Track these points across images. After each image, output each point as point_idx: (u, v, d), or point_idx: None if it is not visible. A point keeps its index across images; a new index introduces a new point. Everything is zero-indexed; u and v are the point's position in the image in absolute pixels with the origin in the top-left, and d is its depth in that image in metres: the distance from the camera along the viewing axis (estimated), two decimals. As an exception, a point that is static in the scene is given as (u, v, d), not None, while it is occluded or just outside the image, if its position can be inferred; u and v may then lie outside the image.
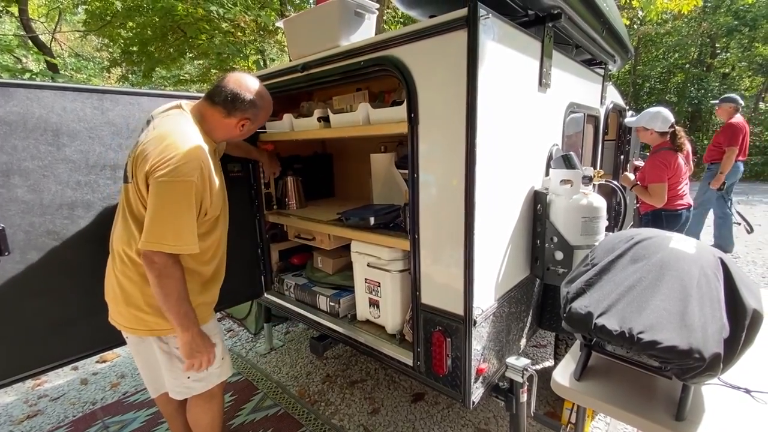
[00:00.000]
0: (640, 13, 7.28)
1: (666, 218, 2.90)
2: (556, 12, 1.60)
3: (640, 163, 3.38)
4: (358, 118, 1.75)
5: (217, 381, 1.57)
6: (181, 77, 9.78)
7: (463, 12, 1.19)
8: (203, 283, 1.50)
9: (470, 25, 1.18)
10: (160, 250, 1.24)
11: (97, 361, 2.91)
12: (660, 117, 2.75)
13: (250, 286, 2.37)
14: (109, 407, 2.39)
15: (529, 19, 1.64)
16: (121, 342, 1.78)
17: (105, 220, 1.57)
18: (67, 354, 1.64)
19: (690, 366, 0.94)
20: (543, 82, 1.65)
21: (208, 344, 1.43)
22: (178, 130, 1.32)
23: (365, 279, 1.92)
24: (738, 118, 4.19)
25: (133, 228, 1.35)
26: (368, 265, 1.87)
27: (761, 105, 12.72)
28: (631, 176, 2.97)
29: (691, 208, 2.93)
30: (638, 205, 3.17)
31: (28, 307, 1.52)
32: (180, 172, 1.23)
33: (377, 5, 1.84)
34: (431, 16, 1.39)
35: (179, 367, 1.47)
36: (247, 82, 1.44)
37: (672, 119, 2.77)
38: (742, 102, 4.26)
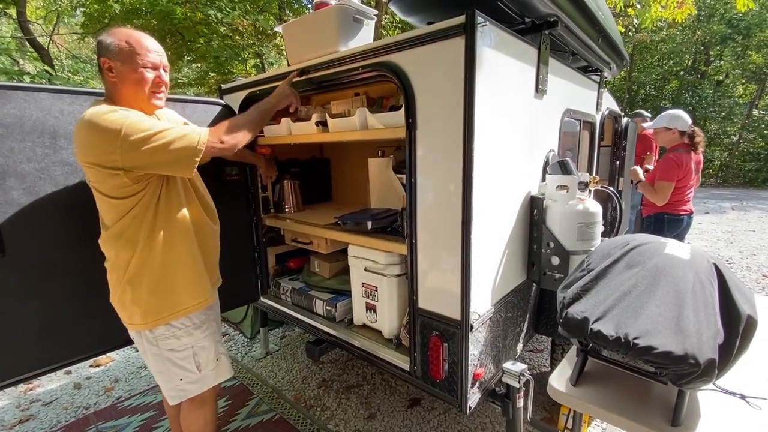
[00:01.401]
0: (635, 20, 7.36)
1: (668, 222, 2.96)
2: (552, 20, 1.62)
3: (650, 167, 3.45)
4: (356, 122, 1.76)
5: (212, 383, 1.54)
6: (179, 80, 9.79)
7: (460, 19, 1.20)
8: (185, 274, 1.44)
9: (468, 32, 1.19)
10: (206, 146, 1.28)
11: (90, 366, 2.88)
12: (681, 117, 2.86)
13: (247, 290, 2.36)
14: (102, 412, 2.37)
15: (526, 26, 1.66)
16: (116, 346, 1.77)
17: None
18: (60, 358, 1.62)
19: (685, 371, 0.95)
20: (539, 88, 1.66)
21: (288, 92, 1.61)
22: (88, 110, 1.25)
23: (362, 283, 1.91)
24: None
25: (105, 231, 1.38)
26: (365, 269, 1.87)
27: (755, 112, 12.87)
28: (640, 171, 3.01)
29: (692, 215, 2.97)
30: (641, 206, 3.20)
31: (22, 310, 1.50)
32: (108, 124, 1.18)
33: (375, 11, 1.86)
34: (429, 23, 1.41)
35: (171, 370, 1.45)
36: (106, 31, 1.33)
37: (689, 121, 2.89)
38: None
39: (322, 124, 1.94)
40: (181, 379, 1.47)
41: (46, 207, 1.53)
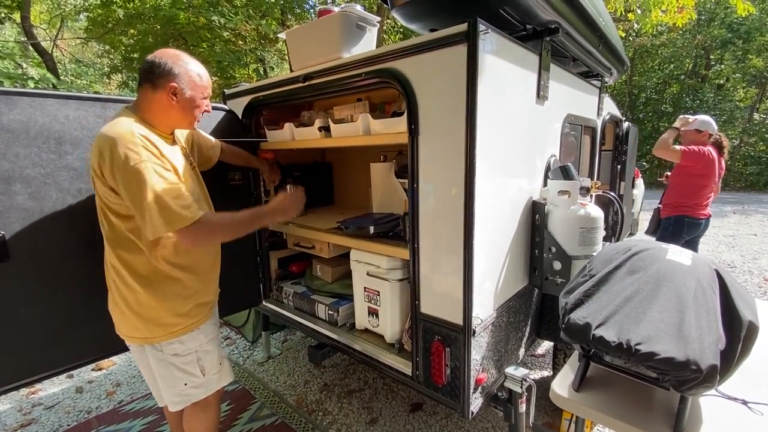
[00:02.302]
0: (636, 25, 7.39)
1: (688, 225, 3.01)
2: (553, 26, 1.63)
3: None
4: (359, 128, 1.77)
5: (215, 387, 1.55)
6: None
7: (463, 27, 1.22)
8: (200, 278, 1.48)
9: (470, 39, 1.21)
10: (176, 229, 1.21)
11: (92, 369, 2.89)
12: (711, 123, 2.98)
13: (249, 294, 2.37)
14: (104, 416, 2.37)
15: (527, 33, 1.68)
16: (118, 350, 1.77)
17: (105, 227, 1.57)
18: (62, 362, 1.63)
19: (687, 377, 0.95)
20: (541, 94, 1.67)
21: (287, 206, 1.52)
22: (106, 127, 1.27)
23: (364, 288, 1.92)
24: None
25: (109, 235, 1.37)
26: (367, 273, 1.87)
27: (755, 116, 12.88)
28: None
29: (710, 219, 3.03)
30: (660, 207, 3.22)
31: (25, 314, 1.51)
32: (129, 159, 1.18)
33: (378, 18, 1.88)
34: (432, 30, 1.42)
35: (176, 375, 1.45)
36: (161, 51, 1.37)
37: (715, 126, 3.01)
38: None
39: (325, 129, 1.96)
40: (185, 384, 1.47)
41: (51, 212, 1.54)
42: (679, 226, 3.01)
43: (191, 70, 1.38)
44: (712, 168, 2.88)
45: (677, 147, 2.98)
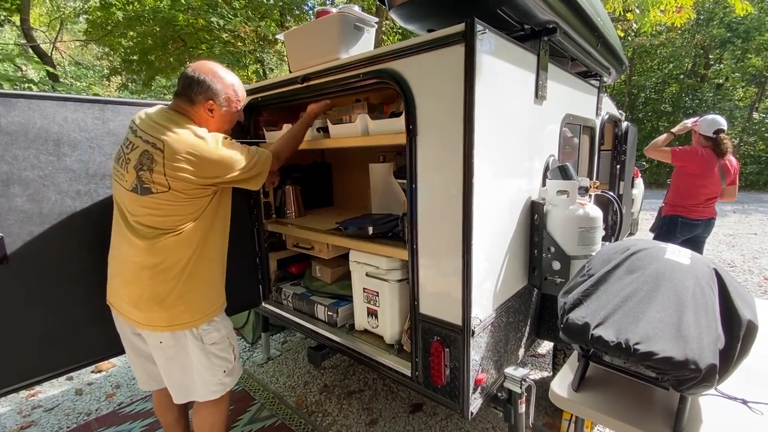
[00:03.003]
0: (635, 25, 7.40)
1: (681, 225, 3.00)
2: (551, 26, 1.63)
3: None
4: (357, 129, 1.77)
5: (239, 374, 1.67)
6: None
7: (460, 27, 1.22)
8: (221, 272, 1.61)
9: (467, 39, 1.21)
10: (270, 158, 1.55)
11: (92, 371, 2.88)
12: (705, 121, 2.91)
13: (248, 295, 2.37)
14: (103, 418, 2.36)
15: (525, 33, 1.68)
16: (118, 352, 1.77)
17: (104, 229, 1.57)
18: (62, 364, 1.63)
19: (686, 377, 0.95)
20: (539, 94, 1.67)
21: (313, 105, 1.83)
22: (187, 130, 1.39)
23: (363, 288, 1.92)
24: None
25: (158, 236, 1.38)
26: (366, 274, 1.87)
27: (755, 115, 12.88)
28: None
29: (712, 220, 2.98)
30: (662, 206, 3.22)
31: (25, 316, 1.51)
32: (209, 144, 1.38)
33: (376, 19, 1.88)
34: (429, 30, 1.42)
35: (215, 363, 1.53)
36: (202, 65, 1.45)
37: (718, 126, 2.88)
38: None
39: (324, 130, 1.96)
40: (224, 372, 1.56)
41: (50, 214, 1.54)
42: (672, 225, 3.03)
43: (227, 87, 1.47)
44: (706, 167, 2.85)
45: (667, 148, 2.99)
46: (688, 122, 3.05)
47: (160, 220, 1.37)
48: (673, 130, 3.10)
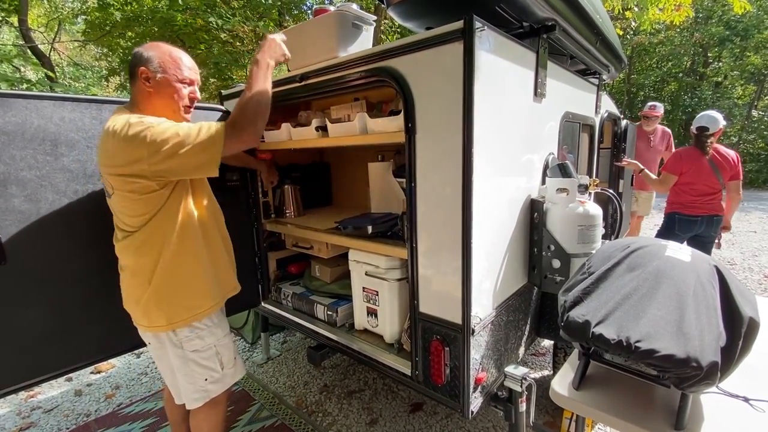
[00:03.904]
0: (633, 23, 7.39)
1: (679, 222, 3.04)
2: (550, 24, 1.63)
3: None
4: (356, 127, 1.76)
5: (231, 381, 1.58)
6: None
7: (459, 24, 1.21)
8: (205, 272, 1.48)
9: (466, 37, 1.20)
10: (222, 133, 1.25)
11: (91, 372, 2.88)
12: (696, 118, 2.95)
13: (247, 295, 2.35)
14: (103, 419, 2.36)
15: (524, 30, 1.67)
16: (117, 352, 1.77)
17: (102, 229, 1.56)
18: (61, 365, 1.62)
19: (687, 375, 0.94)
20: (538, 92, 1.67)
21: (274, 43, 1.45)
22: (113, 119, 1.29)
23: (363, 288, 1.91)
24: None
25: (125, 238, 1.37)
26: (366, 273, 1.87)
27: (754, 113, 12.88)
28: (639, 164, 3.11)
29: (714, 216, 2.97)
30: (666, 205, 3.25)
31: (23, 317, 1.50)
32: (135, 129, 1.21)
33: (374, 17, 1.87)
34: (428, 28, 1.41)
35: (196, 371, 1.47)
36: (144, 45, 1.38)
37: (698, 124, 2.91)
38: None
39: (322, 129, 1.95)
40: (206, 380, 1.49)
41: (48, 214, 1.53)
42: (671, 222, 3.11)
43: (164, 53, 1.35)
44: (692, 165, 2.89)
45: (660, 176, 3.13)
46: (624, 161, 3.13)
47: (123, 222, 1.37)
48: (641, 168, 3.13)
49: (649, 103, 4.24)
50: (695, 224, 3.00)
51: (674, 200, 3.09)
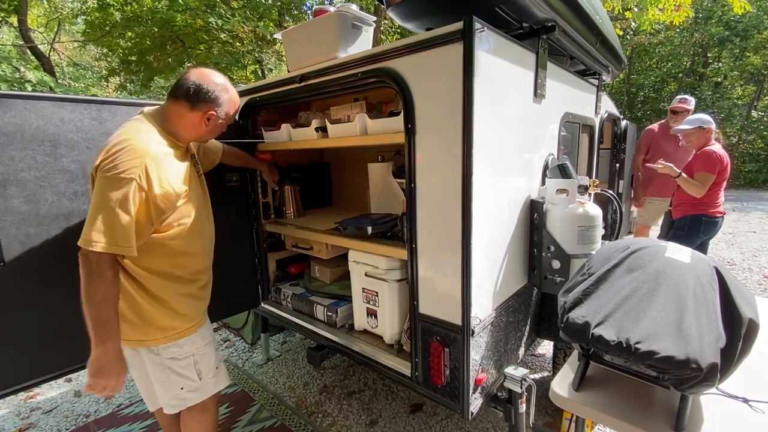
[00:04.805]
0: (633, 23, 7.39)
1: (705, 224, 2.90)
2: (550, 24, 1.63)
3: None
4: (356, 128, 1.76)
5: (212, 391, 1.55)
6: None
7: (458, 25, 1.21)
8: (190, 295, 1.46)
9: (466, 37, 1.20)
10: (90, 249, 1.16)
11: (91, 373, 2.87)
12: (710, 119, 2.94)
13: (247, 296, 2.36)
14: (102, 420, 2.36)
15: (524, 31, 1.67)
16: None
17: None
18: (60, 365, 1.62)
19: (687, 376, 0.94)
20: (538, 92, 1.67)
21: (121, 369, 1.29)
22: (127, 131, 1.29)
23: (363, 288, 1.91)
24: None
25: None
26: (366, 274, 1.87)
27: (753, 113, 12.88)
28: (675, 168, 2.89)
29: (724, 217, 2.95)
30: (671, 208, 3.17)
31: (22, 318, 1.50)
32: (119, 168, 1.18)
33: (374, 18, 1.87)
34: (428, 29, 1.41)
35: (172, 379, 1.44)
36: (210, 75, 1.39)
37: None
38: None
39: (322, 129, 1.95)
40: (181, 388, 1.46)
41: (47, 215, 1.53)
42: (696, 225, 2.88)
43: (231, 99, 1.45)
44: (724, 171, 2.82)
45: (698, 177, 2.80)
46: (656, 167, 2.97)
47: None
48: (679, 173, 2.90)
49: (679, 96, 3.63)
50: (716, 225, 2.89)
51: (699, 200, 2.84)
